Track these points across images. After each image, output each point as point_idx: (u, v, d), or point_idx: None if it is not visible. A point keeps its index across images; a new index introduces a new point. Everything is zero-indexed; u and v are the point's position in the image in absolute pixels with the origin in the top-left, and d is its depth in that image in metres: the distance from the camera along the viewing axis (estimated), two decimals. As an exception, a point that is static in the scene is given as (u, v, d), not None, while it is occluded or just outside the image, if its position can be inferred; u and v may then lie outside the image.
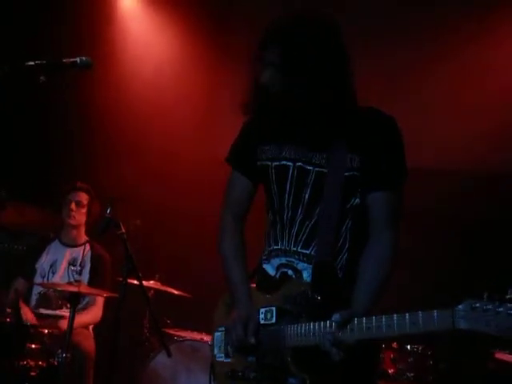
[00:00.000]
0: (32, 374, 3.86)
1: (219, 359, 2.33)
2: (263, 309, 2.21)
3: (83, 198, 4.83)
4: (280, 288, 2.21)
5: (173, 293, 5.04)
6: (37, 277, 4.70)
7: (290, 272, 2.24)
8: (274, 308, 2.18)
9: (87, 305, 4.62)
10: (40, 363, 3.90)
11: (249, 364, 2.20)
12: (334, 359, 1.95)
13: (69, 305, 4.08)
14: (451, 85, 5.60)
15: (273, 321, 2.17)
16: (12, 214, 5.17)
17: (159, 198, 5.85)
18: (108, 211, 3.95)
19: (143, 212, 5.53)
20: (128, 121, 6.11)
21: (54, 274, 4.69)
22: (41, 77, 2.23)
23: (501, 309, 1.60)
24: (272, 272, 2.30)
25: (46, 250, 4.82)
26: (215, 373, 2.35)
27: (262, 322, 2.19)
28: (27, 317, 4.31)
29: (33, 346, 3.96)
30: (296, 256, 2.23)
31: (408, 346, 4.29)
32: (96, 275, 4.69)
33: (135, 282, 4.15)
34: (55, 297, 4.58)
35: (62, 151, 6.12)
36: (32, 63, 2.23)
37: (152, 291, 4.96)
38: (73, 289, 3.99)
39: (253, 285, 2.38)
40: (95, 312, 4.64)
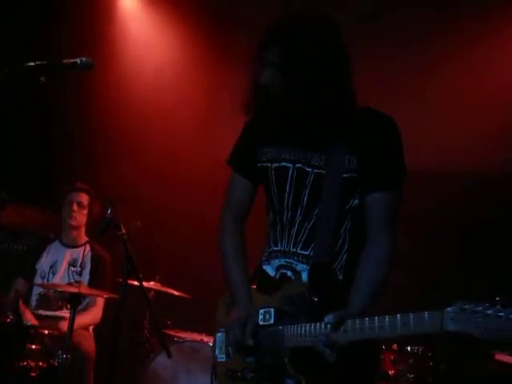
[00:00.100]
0: (32, 375, 3.86)
1: (220, 360, 2.33)
2: (262, 310, 2.20)
3: (84, 199, 4.82)
4: (279, 289, 2.21)
5: (173, 294, 5.03)
6: (37, 277, 4.68)
7: (290, 273, 2.24)
8: (273, 309, 2.18)
9: (87, 306, 4.61)
10: (40, 364, 3.90)
11: (248, 364, 2.20)
12: (328, 360, 1.94)
13: (69, 306, 4.07)
14: (453, 85, 5.58)
15: (271, 322, 2.17)
16: (12, 215, 5.17)
17: (159, 199, 5.84)
18: (108, 212, 3.95)
19: (143, 212, 5.52)
20: (128, 121, 6.10)
21: (54, 275, 4.68)
22: (41, 77, 2.23)
23: (490, 311, 1.60)
24: (272, 273, 2.30)
25: (47, 251, 4.81)
26: (216, 373, 2.35)
27: (261, 323, 2.19)
28: (27, 318, 4.31)
29: (33, 347, 3.95)
30: (295, 257, 2.23)
31: (408, 348, 4.29)
32: (96, 276, 4.68)
33: (135, 283, 4.14)
34: (55, 298, 4.57)
35: (62, 151, 6.12)
36: (32, 64, 2.23)
37: (152, 292, 4.96)
38: (73, 290, 3.98)
39: (254, 286, 2.38)
40: (95, 313, 4.63)
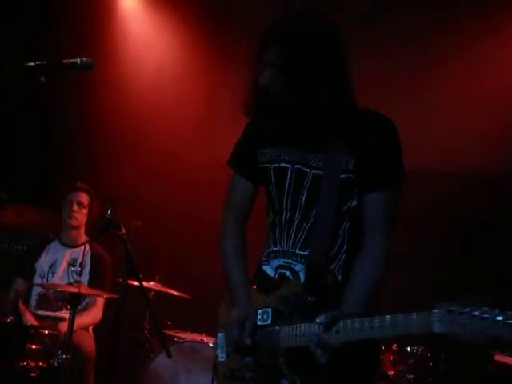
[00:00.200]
0: (32, 375, 3.85)
1: (221, 359, 2.34)
2: (260, 310, 2.21)
3: (84, 199, 4.81)
4: (277, 289, 2.21)
5: (173, 294, 5.03)
6: (36, 277, 4.67)
7: (288, 273, 2.24)
8: (270, 309, 2.18)
9: (87, 306, 4.61)
10: (40, 364, 3.89)
11: (246, 364, 2.20)
12: (320, 361, 1.94)
13: (69, 306, 4.06)
14: (453, 85, 5.58)
15: (268, 322, 2.17)
16: (12, 214, 5.16)
17: (159, 199, 5.84)
18: (108, 212, 3.94)
19: (143, 212, 5.52)
20: (128, 121, 6.10)
21: (54, 275, 4.67)
22: (41, 77, 2.23)
23: (476, 312, 1.60)
24: (271, 273, 2.31)
25: (46, 251, 4.80)
26: (217, 373, 2.36)
27: (259, 323, 2.19)
28: (27, 318, 4.30)
29: (33, 347, 3.95)
30: (294, 257, 2.23)
31: (408, 348, 4.28)
32: (96, 276, 4.68)
33: (135, 283, 4.14)
34: (55, 298, 4.56)
35: (62, 151, 6.11)
36: (32, 64, 2.22)
37: (152, 292, 4.96)
38: (73, 290, 3.98)
39: (254, 286, 2.38)
40: (95, 313, 4.63)
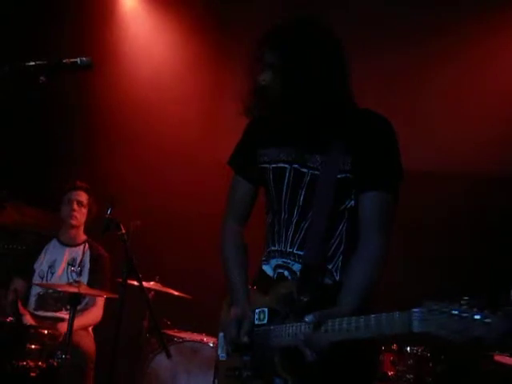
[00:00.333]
0: (32, 375, 3.84)
1: (222, 359, 2.36)
2: (258, 309, 2.22)
3: (83, 198, 4.80)
4: (274, 289, 2.23)
5: (173, 294, 5.03)
6: (35, 277, 4.66)
7: (287, 273, 2.25)
8: (267, 309, 2.19)
9: (87, 306, 4.60)
10: (40, 364, 3.88)
11: (244, 363, 2.22)
12: (308, 360, 1.95)
13: (68, 306, 4.05)
14: (453, 86, 5.60)
15: (265, 321, 2.18)
16: (11, 214, 5.15)
17: (159, 199, 5.84)
18: (108, 212, 3.94)
19: (143, 212, 5.52)
20: (128, 121, 6.10)
21: (53, 275, 4.66)
22: (41, 77, 2.23)
23: (455, 311, 1.57)
24: (270, 273, 2.32)
25: (44, 250, 4.78)
26: (218, 372, 2.38)
27: (257, 323, 2.20)
28: (26, 319, 4.30)
29: (32, 347, 3.94)
30: (291, 257, 2.24)
31: (408, 348, 4.27)
32: (96, 275, 4.68)
33: (135, 283, 4.14)
34: (54, 298, 4.56)
35: (62, 151, 6.12)
36: (32, 63, 2.22)
37: (152, 292, 4.95)
38: (73, 290, 3.98)
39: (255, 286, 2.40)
40: (96, 313, 4.63)
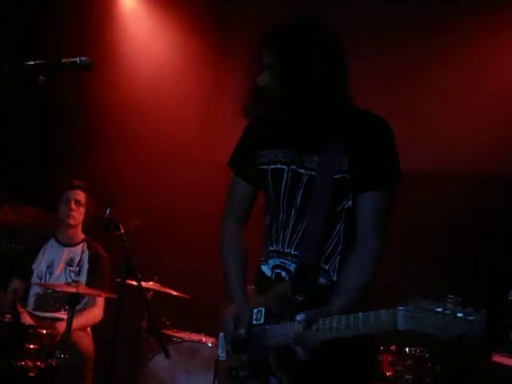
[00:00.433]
0: (30, 375, 3.83)
1: (222, 359, 2.37)
2: (255, 309, 2.24)
3: (81, 197, 4.77)
4: (272, 289, 2.23)
5: (172, 294, 5.03)
6: (34, 277, 4.64)
7: (284, 273, 2.26)
8: (263, 309, 2.21)
9: (86, 306, 4.59)
10: (38, 364, 3.87)
11: (241, 363, 2.23)
12: (300, 358, 1.96)
13: (67, 306, 4.04)
14: (453, 87, 5.59)
15: (261, 321, 2.19)
16: (10, 214, 5.15)
17: (159, 199, 5.84)
18: (107, 212, 3.94)
19: (142, 212, 5.52)
20: (127, 121, 6.10)
21: (52, 275, 4.64)
22: (40, 77, 2.23)
23: (440, 309, 1.58)
24: (268, 273, 2.33)
25: (42, 250, 4.75)
26: (217, 372, 2.39)
27: (254, 323, 2.22)
28: (25, 319, 4.29)
29: (31, 347, 3.93)
30: (288, 257, 2.25)
31: (406, 349, 4.27)
32: (94, 275, 4.66)
33: (134, 283, 4.14)
34: (53, 298, 4.55)
35: (62, 151, 6.11)
36: (31, 63, 2.23)
37: (151, 292, 4.95)
38: (72, 290, 3.97)
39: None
40: (96, 312, 4.62)
